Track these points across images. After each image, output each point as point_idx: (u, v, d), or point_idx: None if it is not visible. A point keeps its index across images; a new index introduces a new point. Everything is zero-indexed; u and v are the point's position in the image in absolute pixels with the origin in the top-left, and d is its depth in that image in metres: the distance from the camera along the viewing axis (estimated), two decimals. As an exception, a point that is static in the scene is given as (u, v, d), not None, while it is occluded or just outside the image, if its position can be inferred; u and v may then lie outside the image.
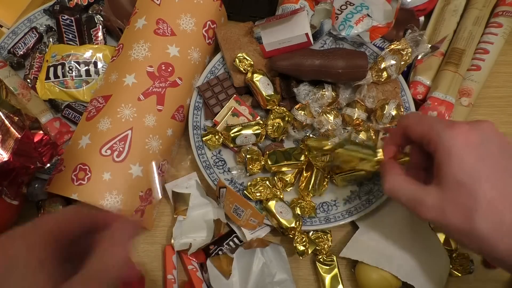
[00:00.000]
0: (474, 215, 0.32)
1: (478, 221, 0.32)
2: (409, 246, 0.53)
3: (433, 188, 0.35)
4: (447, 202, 0.33)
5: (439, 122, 0.36)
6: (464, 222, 0.32)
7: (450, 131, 0.34)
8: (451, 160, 0.33)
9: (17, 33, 0.69)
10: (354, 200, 0.56)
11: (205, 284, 0.53)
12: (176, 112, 0.58)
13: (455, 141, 0.34)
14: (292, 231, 0.52)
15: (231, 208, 0.54)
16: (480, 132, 0.34)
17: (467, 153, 0.33)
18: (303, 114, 0.57)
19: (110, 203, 0.50)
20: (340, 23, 0.61)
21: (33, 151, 0.48)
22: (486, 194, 0.32)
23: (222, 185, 0.54)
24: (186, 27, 0.59)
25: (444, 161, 0.34)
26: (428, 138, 0.36)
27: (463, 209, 0.32)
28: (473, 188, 0.32)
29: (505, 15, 0.64)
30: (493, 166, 0.33)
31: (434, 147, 0.35)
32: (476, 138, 0.34)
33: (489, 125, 0.35)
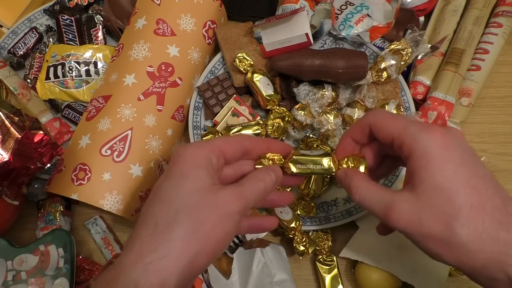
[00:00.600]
0: (453, 222, 0.29)
1: (458, 228, 0.29)
2: (409, 246, 0.52)
3: (406, 194, 0.32)
4: (424, 209, 0.31)
5: (413, 124, 0.33)
6: (443, 230, 0.30)
7: (427, 134, 0.31)
8: (430, 164, 0.31)
9: (17, 33, 0.69)
10: (354, 200, 0.56)
11: (205, 284, 0.53)
12: (176, 112, 0.58)
13: (433, 145, 0.31)
14: (292, 231, 0.52)
15: (231, 208, 0.54)
16: (455, 137, 0.32)
17: (447, 157, 0.31)
18: (303, 114, 0.57)
19: (110, 203, 0.50)
20: (340, 23, 0.61)
21: (33, 151, 0.48)
22: (467, 200, 0.30)
23: (222, 185, 0.54)
24: (186, 27, 0.59)
25: (421, 165, 0.31)
26: (401, 140, 0.33)
27: (442, 216, 0.30)
28: (454, 194, 0.30)
29: (505, 15, 0.64)
30: (472, 172, 0.31)
31: (409, 151, 0.32)
32: (453, 143, 0.31)
33: (459, 132, 0.34)
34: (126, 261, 0.29)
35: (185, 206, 0.30)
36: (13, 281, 0.49)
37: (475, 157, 0.32)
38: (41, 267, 0.50)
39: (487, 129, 0.63)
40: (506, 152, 0.62)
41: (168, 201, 0.30)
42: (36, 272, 0.50)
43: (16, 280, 0.49)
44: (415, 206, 0.31)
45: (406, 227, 0.32)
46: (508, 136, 0.63)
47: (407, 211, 0.31)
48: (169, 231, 0.29)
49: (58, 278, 0.50)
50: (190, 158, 0.32)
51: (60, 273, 0.50)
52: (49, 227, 0.55)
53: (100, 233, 0.58)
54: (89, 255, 0.58)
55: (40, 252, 0.51)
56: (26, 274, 0.50)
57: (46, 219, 0.56)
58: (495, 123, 0.64)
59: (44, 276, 0.50)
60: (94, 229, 0.58)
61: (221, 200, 0.30)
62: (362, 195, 0.35)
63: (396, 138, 0.33)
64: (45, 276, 0.50)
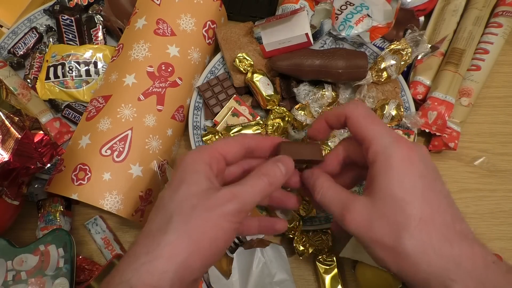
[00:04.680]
0: (402, 232, 0.30)
1: (406, 239, 0.29)
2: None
3: (363, 199, 0.33)
4: (377, 216, 0.31)
5: (387, 134, 0.33)
6: (391, 239, 0.30)
7: (395, 146, 0.32)
8: (390, 174, 0.31)
9: (17, 33, 0.69)
10: (354, 200, 0.56)
11: (205, 284, 0.53)
12: (176, 112, 0.58)
13: (398, 156, 0.32)
14: (292, 231, 0.52)
15: (231, 208, 0.54)
16: (420, 152, 0.33)
17: (408, 170, 0.31)
18: (303, 114, 0.57)
19: (110, 203, 0.50)
20: (340, 23, 0.62)
21: (33, 151, 0.48)
22: (419, 213, 0.30)
23: (222, 185, 0.54)
24: (186, 27, 0.59)
25: (382, 172, 0.32)
26: (370, 144, 0.33)
27: (393, 225, 0.30)
28: (407, 205, 0.30)
29: (505, 15, 0.64)
30: (429, 186, 0.31)
31: (374, 157, 0.33)
32: (417, 157, 0.32)
33: (424, 147, 0.34)
34: (123, 264, 0.30)
35: (180, 209, 0.30)
36: (13, 281, 0.49)
37: (436, 173, 0.33)
38: (41, 267, 0.50)
39: (487, 129, 0.63)
40: (506, 152, 0.62)
41: (164, 207, 0.31)
42: (36, 272, 0.50)
43: (16, 280, 0.49)
44: (369, 212, 0.32)
45: (357, 230, 0.32)
46: (508, 136, 0.63)
47: (361, 215, 0.32)
48: (161, 234, 0.29)
49: (58, 278, 0.50)
50: (188, 164, 0.32)
51: (60, 273, 0.50)
52: (49, 227, 0.55)
53: (100, 233, 0.58)
54: (89, 255, 0.58)
55: (40, 252, 0.51)
56: (26, 274, 0.50)
57: (46, 219, 0.56)
58: (495, 123, 0.64)
59: (44, 276, 0.50)
60: (94, 229, 0.58)
61: (215, 201, 0.30)
62: (323, 194, 0.35)
63: (366, 141, 0.33)
64: (45, 276, 0.50)
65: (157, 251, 0.29)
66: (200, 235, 0.29)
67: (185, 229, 0.29)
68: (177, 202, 0.30)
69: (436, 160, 0.62)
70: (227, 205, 0.30)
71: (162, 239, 0.29)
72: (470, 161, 0.62)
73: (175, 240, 0.29)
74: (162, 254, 0.29)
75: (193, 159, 0.32)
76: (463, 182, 0.61)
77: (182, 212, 0.30)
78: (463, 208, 0.59)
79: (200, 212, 0.30)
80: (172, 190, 0.31)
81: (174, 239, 0.29)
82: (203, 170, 0.31)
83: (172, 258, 0.29)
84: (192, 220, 0.29)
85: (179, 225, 0.29)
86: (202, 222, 0.29)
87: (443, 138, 0.59)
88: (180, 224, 0.29)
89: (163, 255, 0.29)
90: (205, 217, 0.30)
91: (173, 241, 0.29)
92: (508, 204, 0.59)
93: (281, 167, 0.33)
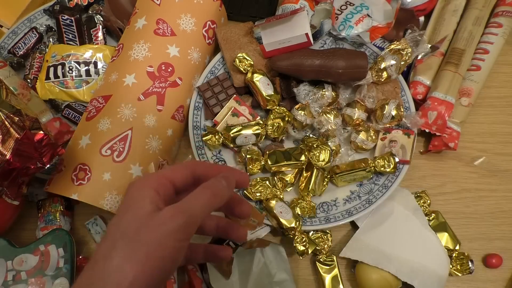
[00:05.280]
0: None
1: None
2: (409, 246, 0.53)
3: None
4: None
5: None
6: None
7: None
8: None
9: (17, 33, 0.69)
10: (354, 200, 0.56)
11: (205, 284, 0.53)
12: (176, 112, 0.58)
13: None
14: (292, 231, 0.52)
15: (231, 208, 0.54)
16: None
17: None
18: (303, 114, 0.57)
19: (110, 203, 0.50)
20: (340, 23, 0.61)
21: (33, 151, 0.48)
22: None
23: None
24: (186, 27, 0.59)
25: None
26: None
27: None
28: None
29: (505, 15, 0.64)
30: None
31: None
32: None
33: None
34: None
35: (124, 235, 0.29)
36: (13, 281, 0.49)
37: None
38: (41, 267, 0.50)
39: (487, 129, 0.63)
40: (506, 152, 0.62)
41: (110, 235, 0.30)
42: (36, 272, 0.50)
43: (16, 280, 0.49)
44: None
45: None
46: (508, 136, 0.63)
47: None
48: (105, 261, 0.29)
49: (58, 278, 0.50)
50: (134, 191, 0.31)
51: (60, 273, 0.50)
52: (49, 227, 0.55)
53: (100, 233, 0.58)
54: (89, 255, 0.58)
55: (40, 252, 0.51)
56: (26, 274, 0.50)
57: (46, 219, 0.56)
58: (495, 123, 0.64)
59: (44, 276, 0.50)
60: (94, 229, 0.58)
61: (158, 220, 0.29)
62: None
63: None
64: (45, 276, 0.50)
65: (102, 280, 0.28)
66: (145, 258, 0.28)
67: (130, 252, 0.28)
68: (122, 228, 0.30)
69: (436, 160, 0.62)
70: (171, 222, 0.29)
71: (106, 266, 0.28)
72: (470, 161, 0.62)
73: (120, 265, 0.28)
74: (108, 282, 0.28)
75: (139, 186, 0.32)
76: (463, 182, 0.61)
77: (126, 236, 0.29)
78: (463, 208, 0.59)
79: (144, 233, 0.29)
80: (118, 217, 0.31)
81: (119, 265, 0.28)
82: (148, 196, 0.31)
83: (118, 286, 0.27)
84: (136, 243, 0.29)
85: (123, 249, 0.29)
86: (147, 244, 0.29)
87: (443, 138, 0.59)
88: (124, 249, 0.29)
89: (108, 283, 0.28)
90: (149, 238, 0.29)
91: (118, 266, 0.28)
92: (508, 204, 0.59)
93: (223, 181, 0.33)
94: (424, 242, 0.53)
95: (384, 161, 0.55)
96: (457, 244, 0.55)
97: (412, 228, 0.54)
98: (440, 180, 0.61)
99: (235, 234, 0.38)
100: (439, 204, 0.59)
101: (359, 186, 0.57)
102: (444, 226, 0.56)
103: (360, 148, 0.58)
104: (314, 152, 0.54)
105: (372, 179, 0.57)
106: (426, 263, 0.51)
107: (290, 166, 0.55)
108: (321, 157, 0.54)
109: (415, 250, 0.52)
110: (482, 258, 0.57)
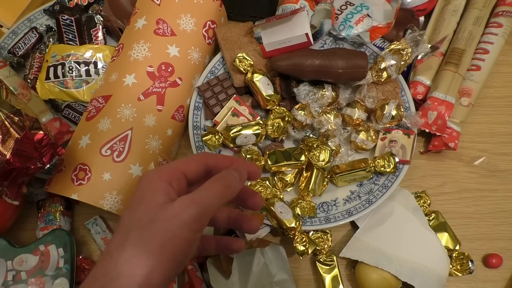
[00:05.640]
0: None
1: None
2: (409, 246, 0.53)
3: None
4: None
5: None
6: None
7: None
8: None
9: (17, 33, 0.69)
10: (354, 200, 0.56)
11: (205, 284, 0.53)
12: (176, 112, 0.58)
13: None
14: (292, 231, 0.52)
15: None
16: None
17: None
18: (303, 114, 0.57)
19: (110, 203, 0.50)
20: (340, 23, 0.61)
21: (33, 151, 0.48)
22: None
23: (222, 185, 0.54)
24: (186, 27, 0.59)
25: None
26: None
27: None
28: None
29: (505, 15, 0.64)
30: None
31: None
32: None
33: None
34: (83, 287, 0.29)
35: (137, 226, 0.29)
36: (13, 281, 0.49)
37: None
38: (41, 267, 0.50)
39: (487, 129, 0.63)
40: (506, 152, 0.62)
41: (123, 226, 0.30)
42: (36, 272, 0.50)
43: (16, 280, 0.49)
44: None
45: None
46: (508, 136, 0.63)
47: None
48: (119, 252, 0.29)
49: (58, 278, 0.50)
50: (146, 183, 0.31)
51: (60, 273, 0.50)
52: (49, 227, 0.55)
53: (100, 233, 0.58)
54: (89, 255, 0.58)
55: (40, 252, 0.51)
56: (26, 274, 0.50)
57: (46, 219, 0.56)
58: (495, 123, 0.64)
59: (44, 276, 0.50)
60: (94, 229, 0.58)
61: (172, 210, 0.29)
62: None
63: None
64: (45, 276, 0.50)
65: (116, 270, 0.28)
66: (159, 249, 0.28)
67: (143, 243, 0.28)
68: (135, 219, 0.30)
69: (436, 160, 0.62)
70: (185, 212, 0.29)
71: (120, 257, 0.28)
72: (470, 161, 0.62)
73: (134, 256, 0.28)
74: (121, 273, 0.28)
75: (151, 178, 0.32)
76: (463, 182, 0.61)
77: (139, 227, 0.29)
78: (463, 208, 0.59)
79: (158, 224, 0.29)
80: (131, 209, 0.31)
81: (133, 256, 0.28)
82: (161, 188, 0.31)
83: (132, 277, 0.27)
84: (150, 234, 0.29)
85: (137, 240, 0.29)
86: (160, 235, 0.29)
87: (443, 138, 0.59)
88: (138, 239, 0.29)
89: (122, 274, 0.27)
90: (163, 229, 0.29)
91: (132, 257, 0.28)
92: (508, 204, 0.59)
93: (235, 173, 0.33)
94: (424, 242, 0.53)
95: (384, 161, 0.55)
96: (457, 244, 0.55)
97: (412, 228, 0.54)
98: (440, 180, 0.61)
99: (247, 225, 0.38)
100: (439, 204, 0.59)
101: (359, 186, 0.57)
102: (444, 226, 0.56)
103: (360, 148, 0.58)
104: (314, 152, 0.54)
105: (372, 179, 0.57)
106: (426, 263, 0.51)
107: (290, 166, 0.55)
108: (321, 157, 0.54)
109: (415, 250, 0.52)
110: (482, 258, 0.57)
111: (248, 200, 0.37)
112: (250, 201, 0.37)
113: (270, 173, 0.58)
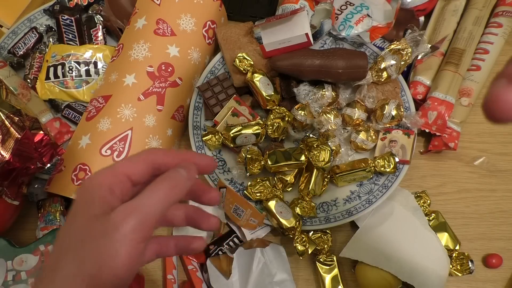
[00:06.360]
0: None
1: None
2: (409, 246, 0.53)
3: None
4: None
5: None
6: None
7: None
8: None
9: (17, 33, 0.69)
10: (354, 200, 0.56)
11: (205, 284, 0.53)
12: (176, 112, 0.58)
13: None
14: (292, 231, 0.52)
15: (231, 208, 0.54)
16: None
17: None
18: (303, 114, 0.57)
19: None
20: (340, 23, 0.61)
21: (33, 151, 0.48)
22: None
23: (222, 185, 0.54)
24: (186, 27, 0.59)
25: None
26: None
27: None
28: None
29: (505, 15, 0.64)
30: None
31: None
32: None
33: None
34: None
35: (71, 246, 0.27)
36: (13, 281, 0.49)
37: None
38: (41, 267, 0.50)
39: (487, 129, 0.63)
40: (506, 152, 0.62)
41: (57, 247, 0.28)
42: (36, 272, 0.50)
43: (16, 280, 0.49)
44: None
45: None
46: (508, 136, 0.63)
47: None
48: (54, 273, 0.26)
49: (58, 278, 0.50)
50: (84, 193, 0.29)
51: (60, 273, 0.50)
52: (49, 227, 0.55)
53: (100, 233, 0.58)
54: (89, 255, 0.58)
55: (40, 252, 0.51)
56: (26, 274, 0.50)
57: (46, 219, 0.56)
58: (495, 123, 0.64)
59: (44, 276, 0.50)
60: (94, 229, 0.58)
61: (109, 223, 0.27)
62: None
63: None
64: (45, 276, 0.50)
65: None
66: (98, 265, 0.26)
67: (79, 262, 0.26)
68: (69, 238, 0.27)
69: (436, 160, 0.62)
70: (125, 223, 0.26)
71: (54, 279, 0.26)
72: (470, 161, 0.62)
73: (68, 277, 0.26)
74: None
75: (88, 186, 0.29)
76: (463, 182, 0.61)
77: (73, 248, 0.27)
78: (463, 208, 0.59)
79: (93, 243, 0.26)
80: (66, 225, 0.28)
81: (67, 277, 0.26)
82: (99, 196, 0.28)
83: None
84: (84, 256, 0.26)
85: (72, 260, 0.26)
86: (98, 251, 0.26)
87: (443, 138, 0.59)
88: (74, 258, 0.26)
89: None
90: (98, 249, 0.26)
91: (66, 279, 0.26)
92: (508, 204, 0.59)
93: (182, 171, 0.30)
94: (424, 242, 0.53)
95: (384, 161, 0.55)
96: (457, 244, 0.55)
97: (412, 228, 0.54)
98: (440, 180, 0.61)
99: (206, 223, 0.35)
100: (439, 204, 0.59)
101: (359, 186, 0.57)
102: (444, 226, 0.56)
103: (360, 148, 0.58)
104: (314, 152, 0.54)
105: (372, 179, 0.57)
106: (426, 263, 0.51)
107: (290, 166, 0.55)
108: (321, 157, 0.54)
109: (415, 250, 0.52)
110: (482, 258, 0.57)
111: (203, 197, 0.35)
112: (205, 197, 0.35)
113: (270, 173, 0.58)
